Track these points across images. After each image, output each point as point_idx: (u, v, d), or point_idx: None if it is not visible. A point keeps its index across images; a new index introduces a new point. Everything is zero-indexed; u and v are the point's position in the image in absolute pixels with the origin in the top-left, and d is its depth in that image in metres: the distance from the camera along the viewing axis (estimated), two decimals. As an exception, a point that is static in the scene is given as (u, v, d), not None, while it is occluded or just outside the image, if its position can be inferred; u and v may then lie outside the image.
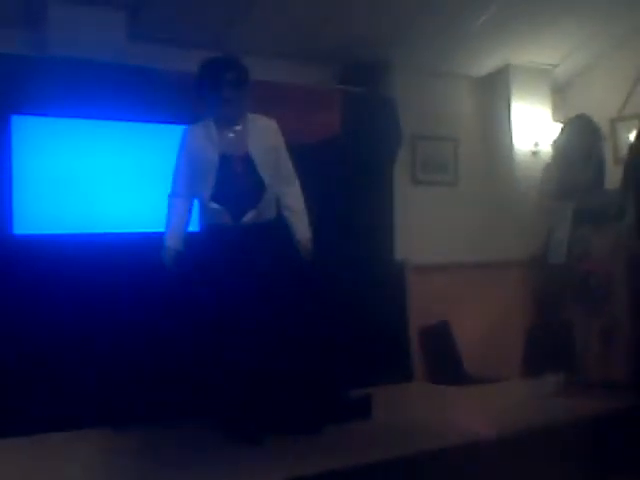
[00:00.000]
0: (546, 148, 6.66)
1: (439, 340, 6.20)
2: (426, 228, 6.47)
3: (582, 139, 5.37)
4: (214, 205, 4.29)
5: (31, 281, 4.55)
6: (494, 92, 7.06)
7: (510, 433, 4.21)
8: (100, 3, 4.95)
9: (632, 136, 5.90)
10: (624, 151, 5.97)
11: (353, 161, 5.76)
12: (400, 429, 4.34)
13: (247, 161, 4.31)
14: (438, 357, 6.17)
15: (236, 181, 4.30)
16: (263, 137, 4.39)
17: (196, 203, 4.42)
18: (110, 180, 4.92)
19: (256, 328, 4.19)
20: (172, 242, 4.31)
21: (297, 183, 4.56)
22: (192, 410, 4.58)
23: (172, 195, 4.39)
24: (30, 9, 4.95)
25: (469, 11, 6.03)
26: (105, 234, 4.88)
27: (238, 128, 4.36)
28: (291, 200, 4.51)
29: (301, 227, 4.52)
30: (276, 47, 5.76)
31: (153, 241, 4.41)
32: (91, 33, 4.91)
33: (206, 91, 4.29)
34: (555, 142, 5.50)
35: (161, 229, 4.37)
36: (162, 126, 5.04)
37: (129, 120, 4.97)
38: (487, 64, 6.92)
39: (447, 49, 6.44)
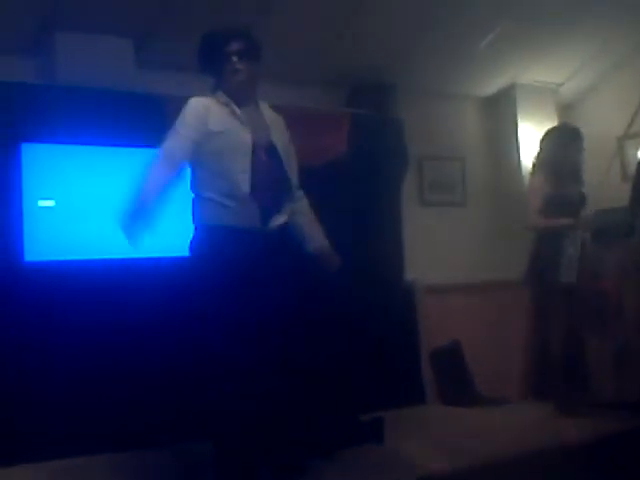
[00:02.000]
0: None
1: (450, 361, 6.17)
2: (435, 248, 6.47)
3: (568, 150, 5.30)
4: (248, 202, 3.61)
5: (42, 308, 4.56)
6: (500, 112, 7.08)
7: (521, 454, 4.20)
8: (108, 31, 4.98)
9: (640, 154, 5.91)
10: (632, 168, 5.97)
11: (361, 183, 5.76)
12: (413, 453, 4.32)
13: (272, 152, 3.75)
14: (450, 378, 6.14)
15: (265, 175, 3.69)
16: (280, 128, 3.91)
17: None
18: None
19: (271, 353, 3.78)
20: (146, 197, 3.50)
21: (302, 193, 4.04)
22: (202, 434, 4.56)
23: (158, 155, 3.60)
24: (38, 37, 4.98)
25: (474, 32, 6.06)
26: (117, 259, 4.88)
27: (255, 113, 3.81)
28: (303, 205, 4.01)
29: (319, 233, 4.01)
30: (282, 71, 5.77)
31: (167, 266, 4.39)
32: (99, 61, 4.93)
33: (212, 64, 3.79)
34: (539, 155, 5.40)
35: (174, 254, 4.22)
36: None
37: (138, 146, 4.99)
38: (493, 84, 6.94)
39: (453, 70, 6.46)
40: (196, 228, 3.76)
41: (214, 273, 3.58)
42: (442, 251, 6.50)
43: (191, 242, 3.75)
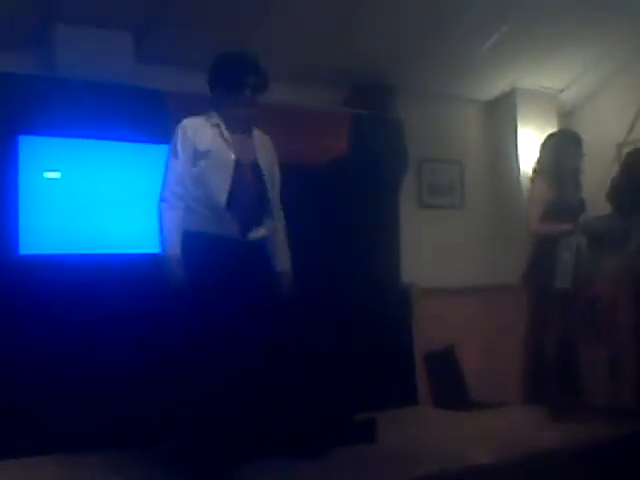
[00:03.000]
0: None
1: (444, 364, 6.17)
2: (432, 251, 6.46)
3: (568, 156, 5.30)
4: (226, 213, 3.86)
5: (37, 301, 4.55)
6: (500, 116, 7.08)
7: (514, 458, 4.19)
8: (108, 25, 4.98)
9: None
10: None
11: (359, 183, 5.75)
12: (404, 454, 4.31)
13: (255, 171, 4.01)
14: (443, 382, 6.13)
15: (246, 191, 3.94)
16: (267, 151, 4.15)
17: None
18: (117, 200, 4.93)
19: (262, 352, 3.94)
20: (173, 250, 3.83)
21: (281, 214, 4.26)
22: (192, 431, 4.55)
23: (166, 199, 3.89)
24: (38, 30, 4.97)
25: (476, 35, 6.05)
26: (112, 254, 4.88)
27: (246, 134, 4.07)
28: (280, 226, 4.22)
29: (285, 258, 4.21)
30: (282, 69, 5.76)
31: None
32: (99, 54, 4.92)
33: (223, 89, 3.99)
34: (539, 160, 5.39)
35: None
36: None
37: (136, 141, 4.98)
38: (493, 88, 6.94)
39: (454, 73, 6.45)
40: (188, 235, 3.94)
41: (190, 275, 3.82)
42: (439, 254, 6.50)
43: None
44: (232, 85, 3.96)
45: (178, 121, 4.05)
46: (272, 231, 4.13)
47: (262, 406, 4.01)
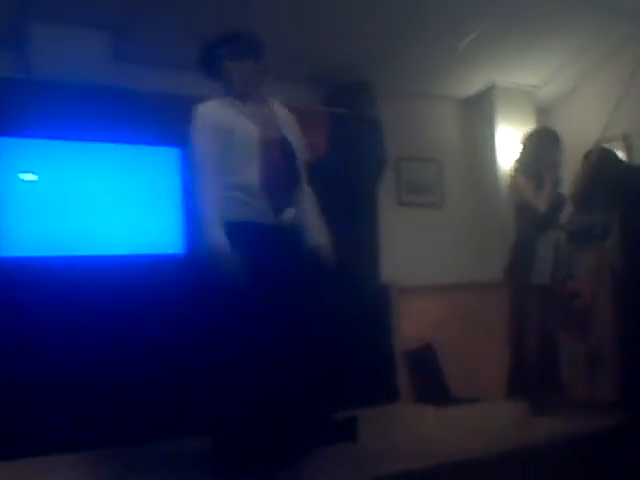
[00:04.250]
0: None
1: (424, 361, 6.18)
2: (411, 250, 6.48)
3: (548, 153, 5.33)
4: (260, 195, 3.65)
5: (15, 303, 4.52)
6: (478, 113, 7.10)
7: (495, 453, 4.19)
8: (84, 23, 4.94)
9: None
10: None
11: (338, 182, 5.74)
12: (386, 451, 4.31)
13: (284, 146, 3.80)
14: (424, 379, 6.15)
15: (276, 169, 3.74)
16: (293, 125, 3.97)
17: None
18: (95, 202, 4.90)
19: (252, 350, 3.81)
20: (218, 236, 3.53)
21: (310, 190, 4.05)
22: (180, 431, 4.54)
23: (202, 174, 3.63)
24: (13, 29, 4.93)
25: (453, 33, 6.07)
26: (90, 257, 4.85)
27: (265, 105, 3.90)
28: (312, 202, 4.02)
29: (322, 230, 4.02)
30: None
31: (141, 264, 4.37)
32: (75, 54, 4.90)
33: (206, 71, 3.89)
34: (519, 159, 5.42)
35: (150, 251, 4.22)
36: (147, 148, 5.03)
37: (114, 142, 4.96)
38: (471, 85, 6.97)
39: (431, 70, 6.47)
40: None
41: (229, 270, 3.54)
42: (418, 252, 6.51)
43: None
44: (211, 63, 3.87)
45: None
46: (305, 212, 3.93)
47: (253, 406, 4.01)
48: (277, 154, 3.76)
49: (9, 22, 4.90)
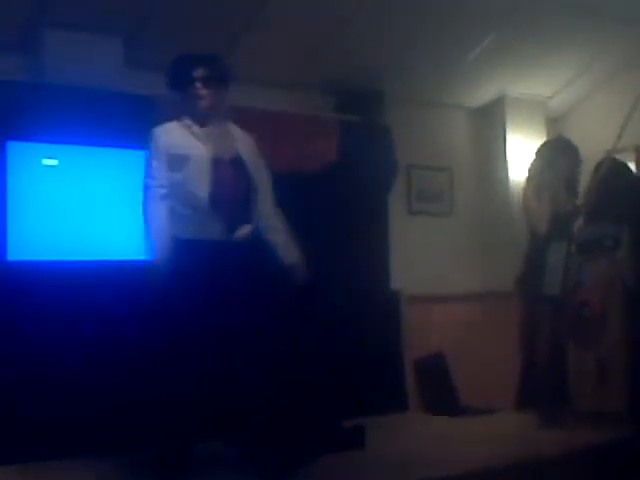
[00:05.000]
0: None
1: (434, 371, 6.17)
2: (421, 258, 6.46)
3: (559, 163, 5.33)
4: (209, 213, 3.80)
5: (25, 308, 4.52)
6: (489, 123, 7.09)
7: (502, 465, 4.18)
8: (97, 29, 4.95)
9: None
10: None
11: (349, 190, 5.75)
12: (393, 460, 4.30)
13: (238, 164, 3.97)
14: (433, 388, 6.13)
15: (227, 187, 3.89)
16: (248, 145, 4.10)
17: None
18: (107, 207, 4.91)
19: (249, 358, 3.93)
20: (161, 251, 3.80)
21: (279, 211, 4.21)
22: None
23: (150, 196, 3.89)
24: (26, 35, 4.95)
25: (465, 42, 6.07)
26: (101, 261, 4.85)
27: (222, 127, 4.05)
28: (277, 221, 4.15)
29: (293, 249, 4.16)
30: (272, 76, 5.77)
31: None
32: (88, 59, 4.90)
33: (179, 90, 4.02)
34: (530, 169, 5.42)
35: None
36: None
37: (125, 147, 4.96)
38: (482, 95, 6.96)
39: (442, 80, 6.47)
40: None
41: (173, 285, 3.77)
42: (428, 261, 6.49)
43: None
44: (183, 82, 3.97)
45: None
46: (274, 232, 4.11)
47: (251, 412, 4.01)
48: (230, 173, 3.91)
49: (23, 27, 4.92)
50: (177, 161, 3.89)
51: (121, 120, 4.85)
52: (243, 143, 4.07)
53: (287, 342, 4.78)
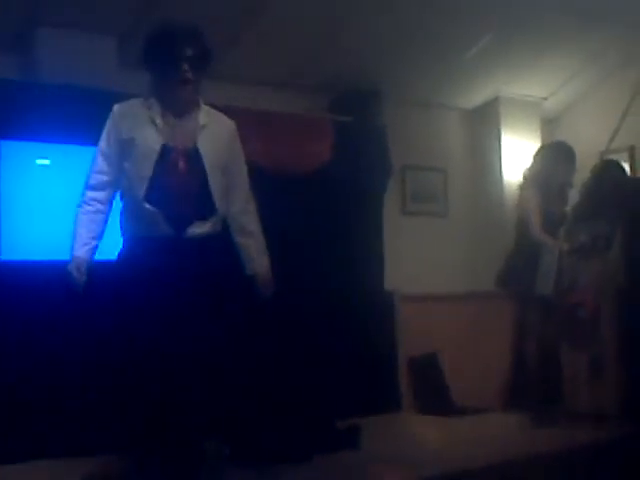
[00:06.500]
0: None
1: (427, 371, 6.16)
2: (415, 259, 6.46)
3: (560, 169, 5.34)
4: (148, 207, 3.47)
5: (17, 307, 4.51)
6: (484, 124, 7.10)
7: (495, 465, 4.18)
8: (90, 29, 4.94)
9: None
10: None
11: (343, 190, 5.75)
12: (388, 459, 4.31)
13: (193, 157, 3.52)
14: (426, 388, 6.13)
15: (178, 180, 3.50)
16: (217, 134, 3.64)
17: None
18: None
19: (234, 360, 3.84)
20: (81, 252, 3.56)
21: (254, 204, 3.83)
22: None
23: (83, 201, 3.61)
24: (19, 34, 4.94)
25: (459, 43, 6.07)
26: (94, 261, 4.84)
27: (187, 116, 3.59)
28: (250, 221, 3.78)
29: (261, 257, 3.81)
30: (266, 76, 5.77)
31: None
32: (81, 59, 4.88)
33: (158, 67, 3.55)
34: (531, 169, 5.43)
35: None
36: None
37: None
38: (477, 96, 6.96)
39: (437, 80, 6.47)
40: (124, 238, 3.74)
41: (126, 282, 3.57)
42: (422, 261, 6.49)
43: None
44: (166, 60, 3.51)
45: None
46: (244, 234, 3.78)
47: (244, 412, 4.00)
48: (182, 166, 3.52)
49: (16, 27, 4.91)
50: (127, 147, 3.53)
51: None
52: (208, 134, 3.61)
53: (280, 344, 4.78)
